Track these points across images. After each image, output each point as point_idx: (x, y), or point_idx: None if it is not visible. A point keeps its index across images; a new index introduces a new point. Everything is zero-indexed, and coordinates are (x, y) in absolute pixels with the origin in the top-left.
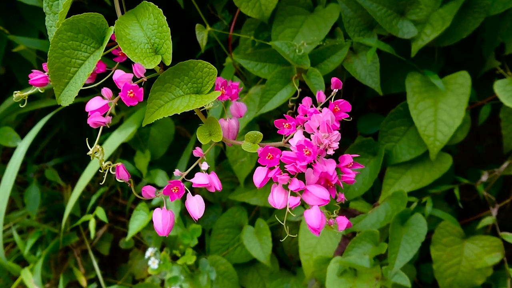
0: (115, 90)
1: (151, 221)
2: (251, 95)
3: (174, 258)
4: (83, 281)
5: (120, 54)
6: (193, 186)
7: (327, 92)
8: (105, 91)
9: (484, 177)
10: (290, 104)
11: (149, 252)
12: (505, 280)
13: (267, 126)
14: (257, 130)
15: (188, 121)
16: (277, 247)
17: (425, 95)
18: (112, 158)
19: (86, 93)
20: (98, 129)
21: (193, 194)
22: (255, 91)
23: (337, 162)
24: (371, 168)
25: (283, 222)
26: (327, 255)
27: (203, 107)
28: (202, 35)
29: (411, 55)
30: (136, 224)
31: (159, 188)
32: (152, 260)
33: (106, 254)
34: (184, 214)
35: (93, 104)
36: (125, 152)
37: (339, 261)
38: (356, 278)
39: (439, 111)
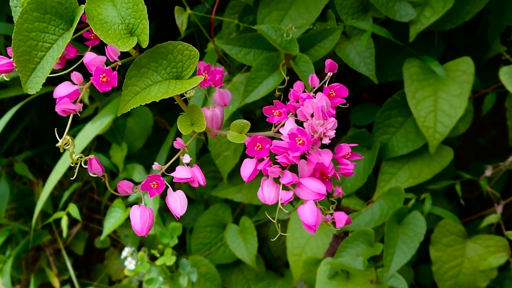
0: (88, 76)
1: (128, 219)
2: (235, 84)
3: (153, 259)
4: (56, 282)
5: (92, 37)
6: (174, 180)
7: (319, 78)
8: (75, 75)
9: (488, 172)
10: (277, 93)
11: (126, 252)
12: (510, 283)
13: (252, 117)
14: None
15: (168, 112)
16: (263, 247)
17: (424, 83)
18: (87, 151)
19: (58, 81)
20: (74, 119)
21: (173, 190)
22: (240, 80)
23: (333, 153)
24: (365, 162)
25: (274, 220)
26: (317, 256)
27: (183, 95)
28: (181, 18)
29: (409, 40)
30: (112, 222)
31: (136, 183)
32: (129, 260)
33: (80, 254)
34: (164, 212)
35: (62, 89)
36: (100, 145)
37: (330, 262)
38: (349, 281)
39: (440, 101)
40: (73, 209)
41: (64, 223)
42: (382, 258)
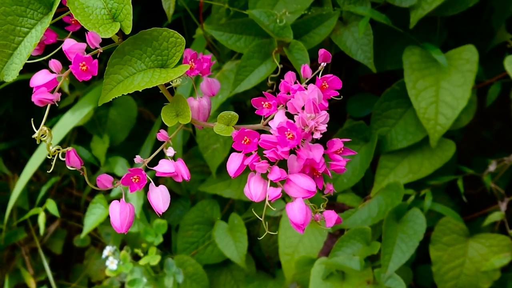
0: (68, 64)
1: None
2: (224, 72)
3: (136, 258)
4: (32, 283)
5: (73, 22)
6: (157, 175)
7: (313, 68)
8: (53, 63)
9: (492, 167)
10: (270, 82)
11: (107, 251)
12: None
13: (243, 108)
14: None
15: (153, 102)
16: (253, 246)
17: (425, 72)
18: (65, 143)
19: (36, 68)
20: (51, 110)
21: (156, 185)
22: (230, 68)
23: (325, 148)
24: (362, 156)
25: (261, 218)
26: (311, 256)
27: (169, 84)
28: (168, 2)
29: (410, 27)
30: (92, 219)
31: (118, 178)
32: (111, 260)
33: (58, 253)
34: (148, 208)
35: (39, 78)
36: (80, 136)
37: (325, 262)
38: (344, 281)
39: (441, 91)
40: (51, 205)
41: (42, 220)
42: (380, 257)
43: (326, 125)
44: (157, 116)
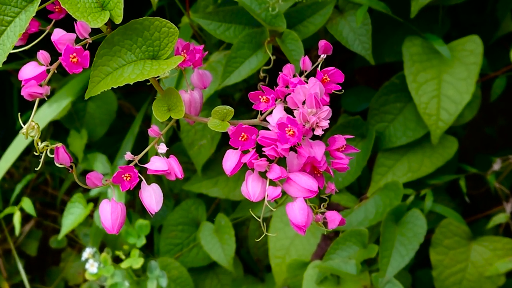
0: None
1: (89, 216)
2: (212, 64)
3: (117, 261)
4: (5, 286)
5: (56, 10)
6: (148, 173)
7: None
8: (42, 55)
9: (496, 166)
10: (262, 74)
11: (87, 253)
12: None
13: (230, 101)
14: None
15: (133, 95)
16: (241, 248)
17: (426, 64)
18: (41, 138)
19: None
20: (25, 102)
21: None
22: (218, 58)
23: (326, 145)
24: (358, 153)
25: (259, 218)
26: (304, 259)
27: (157, 76)
28: None
29: (411, 16)
30: (70, 219)
31: None
32: (91, 262)
33: (33, 255)
34: (129, 208)
35: (28, 71)
36: (56, 131)
37: (319, 266)
38: (339, 287)
39: (444, 85)
40: (27, 204)
41: (17, 219)
42: (377, 261)
43: (328, 121)
44: (138, 109)
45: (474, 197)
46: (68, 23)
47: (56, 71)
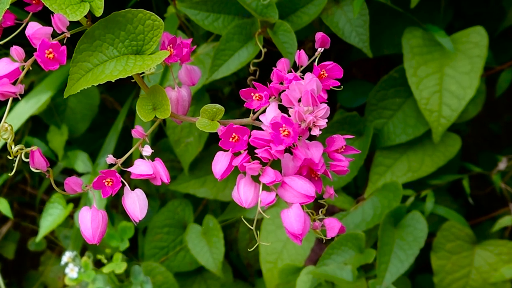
0: (26, 48)
1: (69, 217)
2: (199, 56)
3: (99, 265)
4: None
5: (33, 2)
6: (132, 177)
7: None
8: (16, 50)
9: (502, 165)
10: (252, 68)
11: (67, 257)
12: None
13: (219, 96)
14: (207, 101)
15: (117, 89)
16: (230, 252)
17: (427, 57)
18: (19, 134)
19: None
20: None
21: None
22: (206, 51)
23: (324, 146)
24: None
25: (250, 224)
26: (297, 264)
27: (143, 72)
28: None
29: (411, 6)
30: (49, 220)
31: (79, 174)
32: (71, 267)
33: (10, 258)
34: (111, 208)
35: (0, 68)
36: (35, 127)
37: (312, 272)
38: None
39: (446, 79)
40: (3, 205)
41: None
42: (375, 267)
43: (326, 120)
44: (122, 104)
45: (478, 198)
46: (47, 16)
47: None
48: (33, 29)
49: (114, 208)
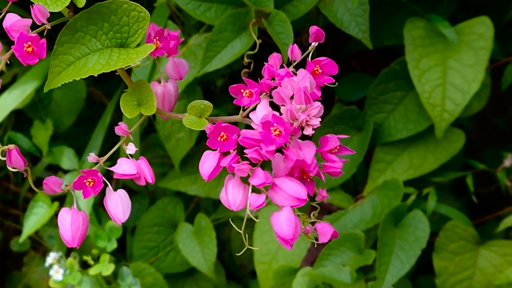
0: (4, 40)
1: (54, 216)
2: (191, 47)
3: (85, 266)
4: None
5: None
6: (114, 177)
7: (297, 44)
8: None
9: (507, 161)
10: (246, 60)
11: (51, 258)
12: None
13: (212, 89)
14: (199, 95)
15: (104, 81)
16: (223, 252)
17: (430, 49)
18: (2, 129)
19: None
20: None
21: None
22: (197, 42)
23: (317, 146)
24: (354, 147)
25: (244, 226)
26: (292, 265)
27: (128, 66)
28: None
29: None
30: (33, 220)
31: (65, 171)
32: (55, 269)
33: None
34: (99, 207)
35: None
36: (19, 121)
37: (309, 273)
38: None
39: (450, 72)
40: None
41: None
42: (374, 268)
43: (320, 119)
44: (109, 97)
45: (482, 196)
46: (26, 4)
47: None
48: (11, 21)
49: (102, 206)
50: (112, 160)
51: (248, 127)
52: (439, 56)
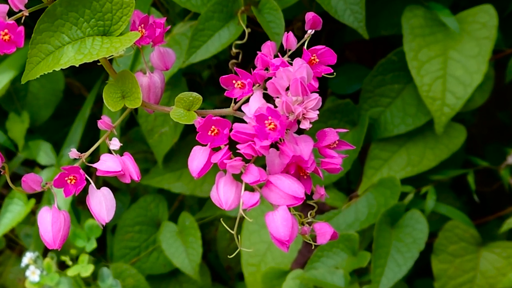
0: None
1: (31, 213)
2: (175, 36)
3: (63, 267)
4: None
5: None
6: (98, 174)
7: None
8: None
9: (511, 158)
10: (234, 50)
11: (27, 258)
12: None
13: (197, 81)
14: (184, 87)
15: (83, 72)
16: (208, 253)
17: (430, 39)
18: None
19: None
20: None
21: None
22: (182, 30)
23: (314, 140)
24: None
25: (234, 227)
26: (282, 267)
27: (111, 56)
28: None
29: None
30: (9, 217)
31: (42, 166)
32: (32, 269)
33: None
34: (77, 204)
35: None
36: None
37: (300, 276)
38: None
39: (451, 63)
40: None
41: None
42: (369, 271)
43: (317, 112)
44: (89, 89)
45: (484, 195)
46: None
47: None
48: None
49: (81, 204)
50: (92, 156)
51: (241, 120)
52: (439, 46)
